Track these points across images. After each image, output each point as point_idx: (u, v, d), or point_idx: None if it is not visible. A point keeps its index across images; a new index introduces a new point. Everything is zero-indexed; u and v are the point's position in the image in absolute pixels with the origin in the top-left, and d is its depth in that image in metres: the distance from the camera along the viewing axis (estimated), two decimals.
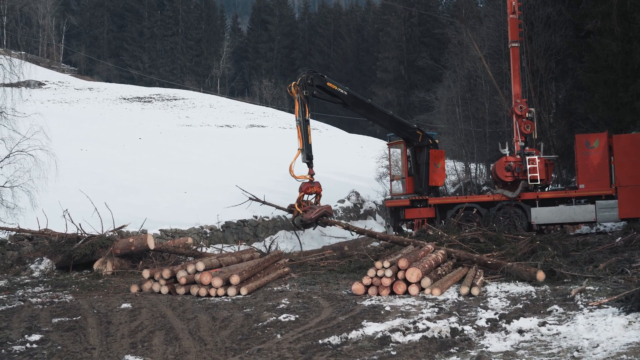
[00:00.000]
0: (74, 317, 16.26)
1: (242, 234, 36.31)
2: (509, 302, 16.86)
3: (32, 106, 27.99)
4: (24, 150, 26.41)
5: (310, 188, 26.30)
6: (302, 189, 26.44)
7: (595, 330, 13.25)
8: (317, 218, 26.06)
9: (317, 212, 25.99)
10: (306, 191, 26.29)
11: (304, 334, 14.23)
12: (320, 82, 29.44)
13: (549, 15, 44.33)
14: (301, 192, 26.46)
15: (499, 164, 34.24)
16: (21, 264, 24.54)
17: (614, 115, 37.21)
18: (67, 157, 36.57)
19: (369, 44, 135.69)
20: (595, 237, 30.13)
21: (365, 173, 55.35)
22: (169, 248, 25.63)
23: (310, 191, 26.38)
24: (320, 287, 20.54)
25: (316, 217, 25.94)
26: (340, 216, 45.34)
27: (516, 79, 35.27)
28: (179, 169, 47.22)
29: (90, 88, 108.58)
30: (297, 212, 26.24)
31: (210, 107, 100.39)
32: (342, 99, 30.87)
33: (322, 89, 29.71)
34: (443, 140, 59.65)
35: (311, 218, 25.95)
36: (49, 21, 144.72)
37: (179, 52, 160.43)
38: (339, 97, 30.71)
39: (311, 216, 25.90)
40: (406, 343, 13.33)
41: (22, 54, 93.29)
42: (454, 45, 61.05)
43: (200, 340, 13.92)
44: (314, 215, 25.83)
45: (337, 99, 30.79)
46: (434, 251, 21.76)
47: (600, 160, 32.05)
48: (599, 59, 37.36)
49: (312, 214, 26.01)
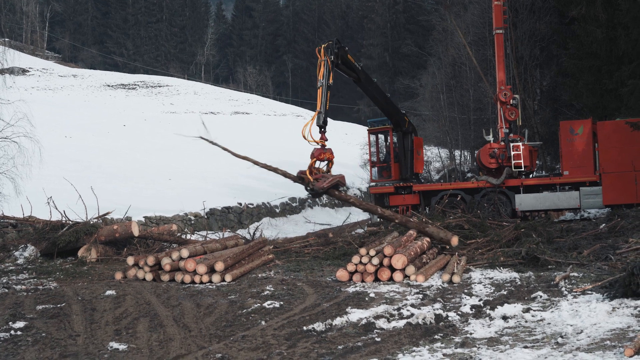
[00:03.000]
0: (58, 304, 16.23)
1: (226, 221, 36.31)
2: (493, 289, 16.91)
3: (16, 93, 27.80)
4: (7, 137, 26.29)
5: (323, 154, 25.38)
6: (314, 154, 25.32)
7: (580, 317, 13.30)
8: (328, 188, 25.13)
9: (330, 181, 24.93)
10: (318, 157, 25.28)
11: (288, 320, 14.25)
12: (344, 54, 29.17)
13: (533, 1, 44.36)
14: (313, 158, 25.40)
15: (483, 151, 34.29)
16: (5, 251, 24.44)
17: (599, 102, 37.28)
18: (51, 144, 36.47)
19: (353, 30, 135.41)
20: (580, 223, 30.20)
21: (350, 160, 55.35)
22: (153, 235, 25.58)
23: (322, 157, 25.43)
24: (304, 274, 20.55)
25: (328, 187, 25.04)
26: (324, 202, 45.41)
27: (500, 66, 35.29)
28: (163, 156, 47.15)
29: (74, 75, 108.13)
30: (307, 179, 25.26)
31: (194, 94, 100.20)
32: (357, 74, 30.68)
33: (344, 61, 29.45)
34: (427, 127, 59.68)
35: (323, 187, 25.00)
36: (32, 8, 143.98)
37: (163, 39, 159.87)
38: (355, 71, 30.50)
39: (323, 185, 24.91)
40: (390, 329, 13.36)
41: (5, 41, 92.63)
42: (439, 32, 60.94)
43: (185, 327, 13.91)
44: (326, 184, 24.80)
45: (353, 73, 30.56)
46: (417, 238, 21.78)
47: (584, 147, 32.16)
48: (584, 45, 37.41)
49: (324, 183, 24.90)
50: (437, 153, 58.25)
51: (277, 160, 54.47)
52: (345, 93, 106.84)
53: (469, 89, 51.76)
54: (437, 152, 58.53)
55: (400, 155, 35.36)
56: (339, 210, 45.84)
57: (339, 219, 40.94)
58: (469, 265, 20.53)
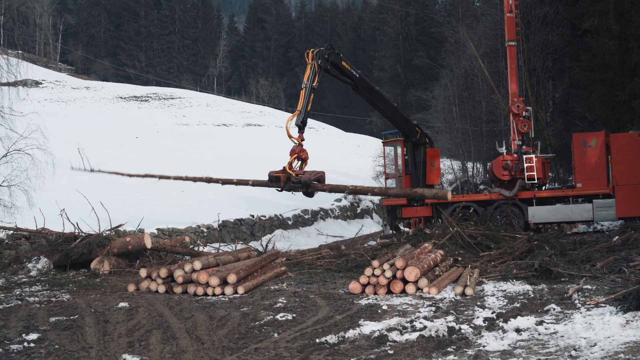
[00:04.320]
0: (71, 316, 16.24)
1: (239, 233, 36.35)
2: (506, 301, 16.84)
3: (29, 105, 27.98)
4: (21, 150, 26.43)
5: (302, 152, 26.00)
6: (294, 151, 25.95)
7: (593, 329, 13.24)
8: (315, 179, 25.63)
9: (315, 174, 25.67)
10: (299, 154, 25.91)
11: (301, 333, 14.22)
12: (336, 60, 29.40)
13: (545, 14, 44.36)
14: (293, 154, 26.05)
15: (496, 163, 34.25)
16: (19, 263, 24.52)
17: (611, 114, 37.24)
18: (64, 156, 36.55)
19: (365, 42, 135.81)
20: (593, 236, 30.12)
21: (362, 172, 55.44)
22: (166, 247, 25.61)
23: (302, 155, 26.04)
24: (317, 286, 20.51)
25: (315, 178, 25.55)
26: (337, 215, 45.41)
27: (513, 78, 35.28)
28: (176, 168, 47.19)
29: (87, 87, 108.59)
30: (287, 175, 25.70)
31: (207, 106, 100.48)
32: (354, 81, 30.77)
33: (336, 66, 29.66)
34: (440, 139, 59.67)
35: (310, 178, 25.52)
36: (46, 20, 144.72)
37: (176, 51, 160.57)
38: (351, 78, 30.64)
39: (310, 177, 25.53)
40: (403, 342, 13.32)
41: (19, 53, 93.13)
42: (451, 44, 61.07)
43: (198, 340, 13.91)
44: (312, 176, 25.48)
45: (348, 79, 30.71)
46: (432, 251, 21.75)
47: (597, 159, 32.07)
48: (596, 57, 37.39)
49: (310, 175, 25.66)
50: (449, 165, 58.24)
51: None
52: (356, 105, 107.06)
53: (481, 100, 51.79)
54: (450, 164, 58.52)
55: (411, 166, 35.33)
56: (352, 222, 45.86)
57: (352, 231, 40.94)
58: (482, 277, 20.48)
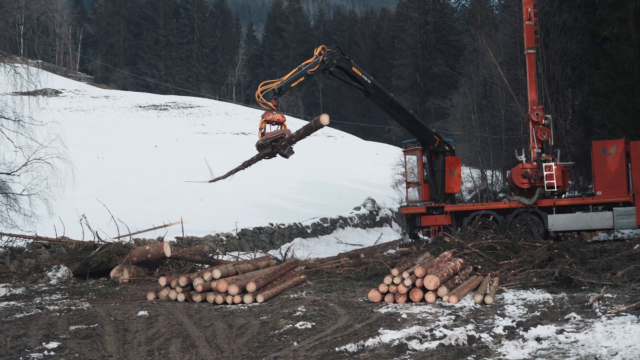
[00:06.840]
0: (91, 324, 16.29)
1: (258, 242, 36.36)
2: (526, 310, 16.79)
3: (49, 114, 28.10)
4: (41, 159, 26.51)
5: (272, 115, 26.40)
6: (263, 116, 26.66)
7: (614, 338, 13.18)
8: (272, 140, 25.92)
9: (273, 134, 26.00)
10: (266, 117, 26.41)
11: (320, 341, 14.21)
12: (345, 65, 29.55)
13: (564, 21, 44.24)
14: (262, 118, 26.65)
15: (516, 171, 34.11)
16: (38, 272, 24.64)
17: (631, 121, 37.03)
18: (84, 165, 36.71)
19: (384, 51, 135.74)
20: (613, 244, 29.92)
21: (381, 180, 55.36)
22: (185, 256, 25.64)
23: (271, 118, 26.41)
24: (336, 294, 20.51)
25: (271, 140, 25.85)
26: (356, 223, 45.37)
27: (532, 86, 35.14)
28: (195, 177, 47.30)
29: (106, 96, 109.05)
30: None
31: (225, 114, 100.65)
32: (365, 87, 30.85)
33: (346, 71, 29.76)
34: (459, 147, 59.54)
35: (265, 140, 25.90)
36: (65, 30, 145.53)
37: (195, 60, 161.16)
38: (362, 83, 30.72)
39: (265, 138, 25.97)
40: (423, 351, 13.28)
41: (39, 63, 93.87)
42: (469, 52, 61.06)
43: (217, 348, 13.91)
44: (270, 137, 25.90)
45: (359, 85, 30.80)
46: (451, 259, 21.70)
47: (617, 167, 31.87)
48: (616, 65, 37.21)
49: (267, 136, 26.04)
50: (468, 173, 58.12)
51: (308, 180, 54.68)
52: (375, 113, 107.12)
53: (500, 108, 51.68)
54: (469, 172, 58.41)
55: (429, 174, 35.23)
56: (370, 230, 45.79)
57: (371, 239, 40.90)
58: (502, 286, 20.42)
